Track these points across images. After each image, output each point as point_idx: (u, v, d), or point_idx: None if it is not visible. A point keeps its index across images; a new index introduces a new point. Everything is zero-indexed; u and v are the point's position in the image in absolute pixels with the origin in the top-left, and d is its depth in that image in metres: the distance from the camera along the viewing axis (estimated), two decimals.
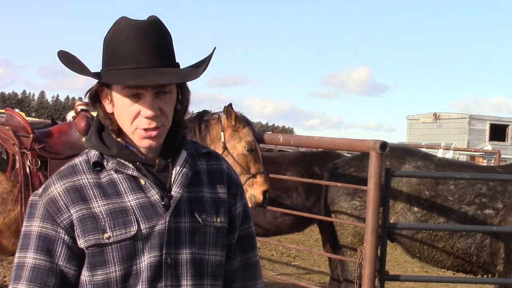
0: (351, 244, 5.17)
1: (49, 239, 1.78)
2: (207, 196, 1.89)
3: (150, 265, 1.76)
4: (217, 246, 1.87)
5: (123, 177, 1.82)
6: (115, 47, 1.78)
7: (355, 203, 5.15)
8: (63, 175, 1.86)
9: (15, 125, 4.69)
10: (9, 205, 4.38)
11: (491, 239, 4.92)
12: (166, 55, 1.80)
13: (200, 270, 1.83)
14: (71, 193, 1.80)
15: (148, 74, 1.74)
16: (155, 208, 1.79)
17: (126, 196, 1.80)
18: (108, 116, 1.85)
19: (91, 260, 1.77)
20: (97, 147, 1.86)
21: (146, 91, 1.75)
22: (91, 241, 1.76)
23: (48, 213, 1.79)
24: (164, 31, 1.82)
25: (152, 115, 1.76)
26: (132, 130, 1.80)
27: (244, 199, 2.01)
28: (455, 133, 29.50)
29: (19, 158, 4.45)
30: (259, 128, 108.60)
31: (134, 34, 1.76)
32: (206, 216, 1.86)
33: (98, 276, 1.76)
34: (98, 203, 1.79)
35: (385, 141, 4.53)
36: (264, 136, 5.82)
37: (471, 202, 4.97)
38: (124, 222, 1.77)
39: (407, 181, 5.06)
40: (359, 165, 5.26)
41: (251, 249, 2.03)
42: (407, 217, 5.02)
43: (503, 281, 4.91)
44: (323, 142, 5.39)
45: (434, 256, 5.10)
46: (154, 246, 1.77)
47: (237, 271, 1.98)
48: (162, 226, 1.78)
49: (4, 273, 7.40)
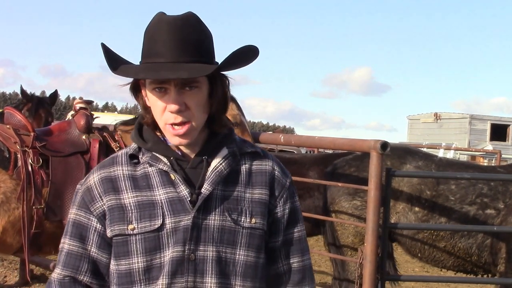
0: (352, 244, 5.17)
1: (82, 226, 1.85)
2: (244, 196, 1.87)
3: (172, 259, 1.78)
4: (250, 247, 1.86)
5: (155, 170, 1.85)
6: (145, 41, 1.82)
7: (355, 203, 5.14)
8: (102, 165, 1.91)
9: (15, 124, 4.70)
10: (13, 203, 4.38)
11: (492, 239, 4.91)
12: (193, 51, 1.78)
13: (226, 269, 1.83)
14: (105, 183, 1.85)
15: (163, 69, 1.74)
16: (183, 204, 1.81)
17: (157, 190, 1.83)
18: (147, 110, 1.88)
19: (116, 249, 1.82)
20: (135, 140, 1.90)
21: (170, 85, 1.77)
22: (116, 231, 1.81)
23: (84, 201, 1.87)
24: (196, 27, 1.81)
25: (175, 109, 1.76)
26: (163, 126, 1.82)
27: (293, 202, 1.97)
28: (456, 133, 29.45)
29: (21, 156, 4.45)
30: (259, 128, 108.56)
31: (162, 29, 1.78)
32: (238, 216, 1.85)
33: (122, 265, 1.81)
34: (128, 195, 1.83)
35: (386, 141, 4.53)
36: (265, 136, 5.82)
37: (472, 202, 4.97)
38: (150, 215, 1.80)
39: (408, 181, 5.06)
40: (360, 165, 5.25)
41: (298, 254, 1.98)
42: (408, 217, 5.01)
43: (504, 281, 4.91)
44: (324, 142, 5.39)
45: (435, 256, 5.09)
46: (178, 241, 1.78)
47: (283, 275, 1.96)
48: (187, 222, 1.79)
49: (5, 273, 7.40)
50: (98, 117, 5.66)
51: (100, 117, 9.82)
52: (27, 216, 4.36)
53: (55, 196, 4.50)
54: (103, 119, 13.72)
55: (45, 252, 4.92)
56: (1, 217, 4.35)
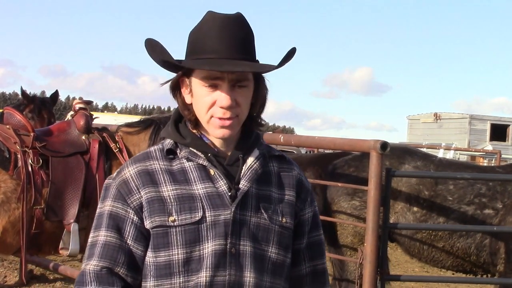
0: (351, 244, 5.17)
1: (119, 218, 1.85)
2: (274, 196, 1.93)
3: (215, 252, 1.80)
4: (280, 246, 1.90)
5: (193, 165, 1.87)
6: (197, 39, 1.86)
7: (355, 203, 5.14)
8: (136, 159, 1.92)
9: (15, 124, 4.71)
10: (13, 203, 4.39)
11: (490, 239, 4.91)
12: (245, 49, 1.85)
13: (261, 265, 1.86)
14: (143, 176, 1.86)
15: (224, 63, 1.79)
16: (222, 199, 1.83)
17: (195, 184, 1.85)
18: (186, 107, 1.91)
19: (155, 241, 1.82)
20: (172, 136, 1.92)
21: (223, 82, 1.81)
22: (156, 222, 1.82)
23: (120, 194, 1.86)
24: (247, 27, 1.88)
25: (227, 105, 1.80)
26: (208, 119, 1.85)
27: (315, 206, 2.04)
28: (455, 133, 29.45)
29: (21, 156, 4.46)
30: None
31: (216, 27, 1.83)
32: (272, 214, 1.89)
33: (161, 257, 1.81)
34: (167, 188, 1.84)
35: (386, 141, 4.53)
36: (265, 136, 5.82)
37: (470, 202, 4.97)
38: (190, 207, 1.82)
39: (406, 181, 5.06)
40: (359, 165, 5.25)
41: (320, 256, 2.05)
42: (407, 217, 5.02)
43: (504, 281, 4.91)
44: (324, 142, 5.39)
45: (434, 256, 5.09)
46: (219, 235, 1.81)
47: (305, 276, 2.01)
48: (227, 216, 1.82)
49: (5, 273, 7.40)
50: (98, 117, 5.67)
51: (100, 117, 9.84)
52: (27, 216, 4.37)
53: (55, 196, 4.50)
54: (103, 119, 13.73)
55: (45, 252, 4.93)
56: (1, 217, 4.36)
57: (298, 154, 8.78)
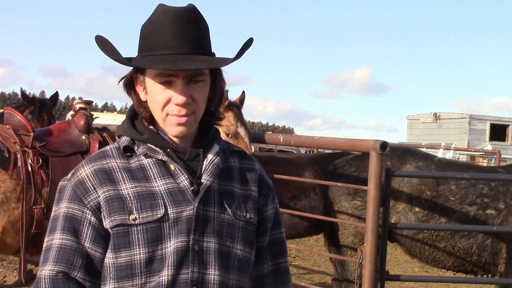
0: (352, 244, 5.16)
1: (76, 219, 1.77)
2: (237, 191, 1.88)
3: (177, 250, 1.74)
4: (245, 242, 1.86)
5: (152, 162, 1.82)
6: (149, 34, 1.80)
7: (356, 203, 5.13)
8: (92, 159, 1.85)
9: (15, 124, 4.70)
10: (13, 203, 4.39)
11: (492, 239, 4.91)
12: (199, 43, 1.79)
13: (226, 262, 1.81)
14: (99, 175, 1.80)
15: (178, 60, 1.73)
16: (184, 194, 1.78)
17: (155, 181, 1.79)
18: (142, 104, 1.86)
19: (116, 241, 1.75)
20: (129, 133, 1.86)
21: (178, 78, 1.76)
22: (116, 221, 1.75)
23: (76, 194, 1.79)
24: (200, 19, 1.82)
25: (183, 102, 1.76)
26: (163, 117, 1.80)
27: (276, 203, 2.00)
28: (455, 133, 29.44)
29: (21, 156, 4.46)
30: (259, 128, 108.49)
31: (168, 21, 1.77)
32: (236, 209, 1.85)
33: (122, 258, 1.74)
34: (126, 185, 1.78)
35: (385, 141, 4.52)
36: (264, 136, 5.82)
37: (472, 202, 4.97)
38: (151, 205, 1.76)
39: (408, 181, 5.06)
40: (360, 164, 5.24)
41: (282, 255, 2.00)
42: (409, 217, 5.01)
43: (504, 281, 4.91)
44: (324, 142, 5.39)
45: (435, 256, 5.09)
46: (182, 231, 1.75)
47: (267, 275, 1.97)
48: (190, 212, 1.77)
49: (4, 273, 7.40)
50: (98, 117, 5.67)
51: (100, 117, 9.84)
52: (27, 216, 4.36)
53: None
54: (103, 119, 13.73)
55: None
56: (1, 217, 4.36)
57: (298, 154, 8.77)
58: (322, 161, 6.34)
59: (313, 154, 8.16)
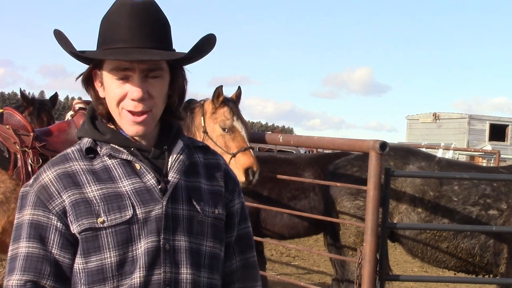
0: (353, 244, 5.15)
1: (41, 226, 1.73)
2: (204, 187, 1.85)
3: (148, 250, 1.71)
4: (215, 238, 1.83)
5: (117, 162, 1.77)
6: (106, 28, 1.76)
7: (358, 203, 5.11)
8: (54, 163, 1.80)
9: (15, 124, 4.71)
10: (13, 203, 4.39)
11: (495, 240, 4.90)
12: (157, 37, 1.75)
13: (197, 260, 1.78)
14: (63, 179, 1.74)
15: (132, 53, 1.70)
16: (151, 193, 1.74)
17: (121, 181, 1.75)
18: (100, 101, 1.81)
19: (85, 245, 1.70)
20: (90, 134, 1.81)
21: (134, 73, 1.72)
22: (84, 225, 1.70)
23: (40, 200, 1.74)
24: (158, 13, 1.77)
25: (138, 97, 1.71)
26: (119, 112, 1.75)
27: (242, 198, 1.97)
28: (454, 133, 29.48)
29: (21, 156, 4.47)
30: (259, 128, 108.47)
31: (125, 14, 1.73)
32: (204, 206, 1.82)
33: (92, 262, 1.70)
34: (92, 188, 1.73)
35: (385, 141, 4.52)
36: (264, 136, 5.82)
37: (475, 203, 4.96)
38: (119, 206, 1.72)
39: (411, 182, 5.05)
40: (362, 164, 5.21)
41: (249, 249, 1.97)
42: (411, 218, 5.00)
43: (504, 281, 4.91)
44: (323, 142, 5.39)
45: (437, 257, 5.07)
46: (151, 231, 1.72)
47: (236, 271, 1.93)
48: (159, 211, 1.73)
49: (4, 273, 7.40)
50: None
51: None
52: None
53: None
54: None
55: None
56: (1, 217, 4.36)
57: (298, 154, 8.77)
58: (321, 161, 6.34)
59: (312, 154, 8.16)
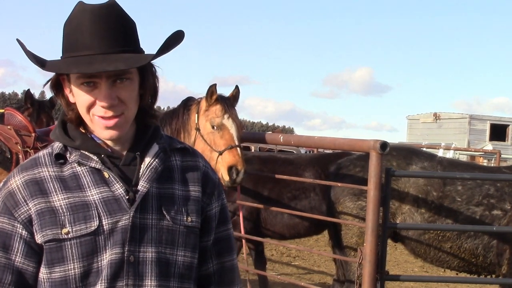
0: (356, 245, 5.12)
1: (6, 234, 1.70)
2: (178, 193, 1.80)
3: (111, 262, 1.68)
4: (186, 247, 1.78)
5: (86, 170, 1.73)
6: (68, 33, 1.72)
7: (361, 203, 5.08)
8: (24, 167, 1.76)
9: (16, 124, 4.71)
10: None
11: (498, 240, 4.89)
12: (122, 40, 1.70)
13: (166, 270, 1.74)
14: (30, 186, 1.71)
15: (96, 61, 1.64)
16: (119, 203, 1.70)
17: (89, 190, 1.71)
18: (71, 107, 1.76)
19: (49, 256, 1.68)
20: (60, 139, 1.77)
21: (101, 79, 1.67)
22: (48, 236, 1.67)
23: (6, 207, 1.71)
24: (120, 14, 1.72)
25: (107, 104, 1.67)
26: (90, 118, 1.71)
27: (222, 199, 1.92)
28: (455, 133, 29.46)
29: (22, 157, 4.47)
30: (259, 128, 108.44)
31: (86, 20, 1.67)
32: (175, 214, 1.77)
33: (56, 273, 1.68)
34: (58, 197, 1.70)
35: (385, 141, 4.52)
36: (264, 136, 5.83)
37: (479, 203, 4.95)
38: (85, 217, 1.68)
39: (414, 182, 5.03)
40: (365, 165, 5.17)
41: (227, 253, 1.93)
42: (414, 218, 4.98)
43: (504, 281, 4.90)
44: (324, 142, 5.39)
45: (440, 257, 5.06)
46: (116, 243, 1.68)
47: (212, 275, 1.90)
48: (125, 222, 1.69)
49: None
50: None
51: None
52: None
53: None
54: None
55: None
56: None
57: (298, 154, 8.78)
58: (322, 161, 6.35)
59: (313, 154, 8.17)
